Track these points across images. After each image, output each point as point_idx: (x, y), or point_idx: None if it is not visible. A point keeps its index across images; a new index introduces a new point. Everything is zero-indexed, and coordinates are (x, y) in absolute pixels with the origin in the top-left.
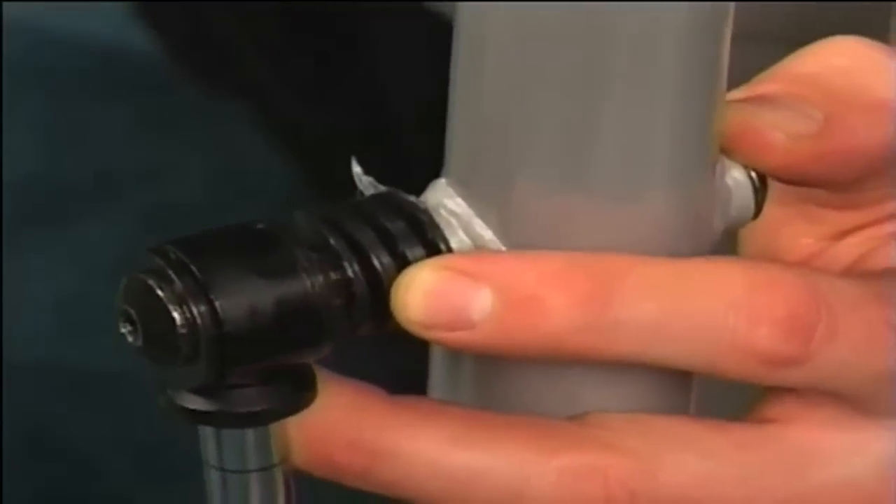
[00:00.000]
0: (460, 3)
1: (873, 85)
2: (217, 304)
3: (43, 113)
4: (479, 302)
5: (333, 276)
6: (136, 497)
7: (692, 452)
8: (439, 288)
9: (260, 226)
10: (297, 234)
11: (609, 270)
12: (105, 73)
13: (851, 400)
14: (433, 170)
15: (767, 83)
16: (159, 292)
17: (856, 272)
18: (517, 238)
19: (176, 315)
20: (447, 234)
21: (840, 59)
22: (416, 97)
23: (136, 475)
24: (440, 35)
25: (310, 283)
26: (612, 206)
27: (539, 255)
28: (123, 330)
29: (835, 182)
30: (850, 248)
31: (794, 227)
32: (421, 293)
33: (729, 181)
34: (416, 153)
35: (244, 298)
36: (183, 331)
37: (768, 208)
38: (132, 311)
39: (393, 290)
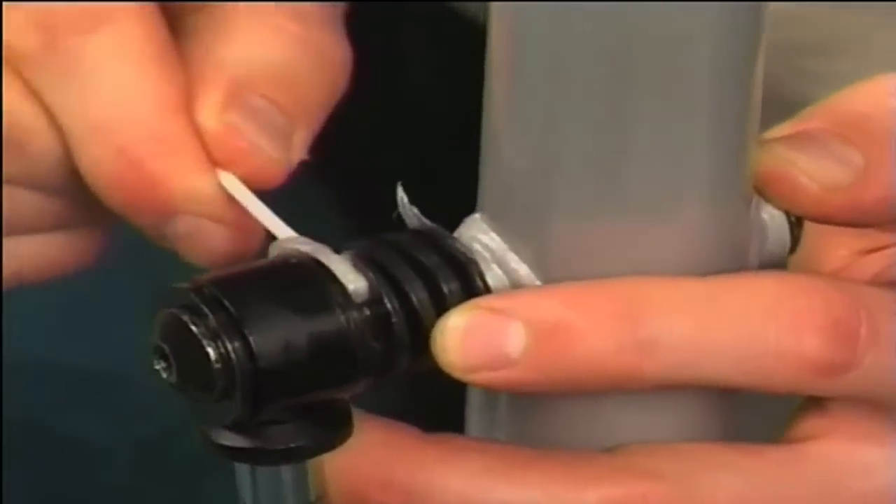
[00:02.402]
0: (490, 42)
1: None
2: (251, 339)
3: None
4: (514, 337)
5: (369, 311)
6: (135, 496)
7: (730, 475)
8: (472, 328)
9: (294, 260)
10: (331, 269)
11: (635, 290)
12: None
13: (886, 408)
14: (465, 183)
15: (813, 119)
16: (193, 328)
17: (878, 283)
18: (552, 272)
19: (210, 351)
20: (483, 269)
21: (893, 99)
22: (450, 113)
23: (136, 474)
24: (477, 48)
25: (344, 318)
26: (648, 236)
27: (565, 284)
28: (157, 366)
29: (869, 226)
30: (872, 262)
31: (837, 238)
32: (457, 336)
33: (765, 216)
34: (448, 167)
35: (278, 334)
36: (217, 366)
37: None
38: (166, 348)
39: (432, 337)
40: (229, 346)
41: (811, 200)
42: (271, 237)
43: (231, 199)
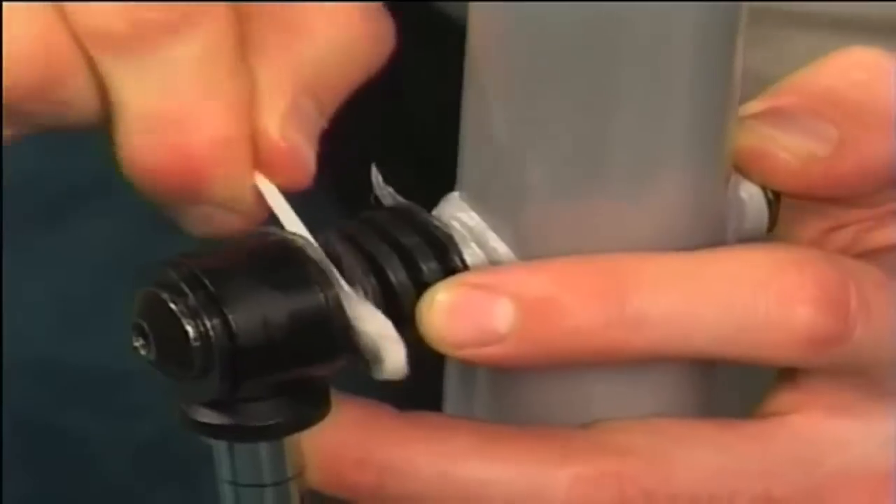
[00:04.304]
0: (471, 19)
1: (891, 101)
2: (230, 317)
3: None
4: (501, 313)
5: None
6: (135, 495)
7: (705, 449)
8: (460, 304)
9: (274, 238)
10: (310, 248)
11: (623, 265)
12: None
13: (871, 380)
14: (450, 169)
15: (784, 95)
16: (173, 306)
17: (851, 254)
18: (531, 250)
19: (189, 329)
20: (461, 247)
21: (858, 72)
22: (435, 100)
23: (136, 473)
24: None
25: (323, 296)
26: (626, 215)
27: (552, 260)
28: (136, 344)
29: (847, 198)
30: (836, 240)
31: (803, 220)
32: (444, 312)
33: (743, 194)
34: (434, 155)
35: (257, 311)
36: (196, 344)
37: None
38: (145, 325)
39: (418, 313)
40: (208, 324)
41: (791, 175)
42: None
43: (260, 200)
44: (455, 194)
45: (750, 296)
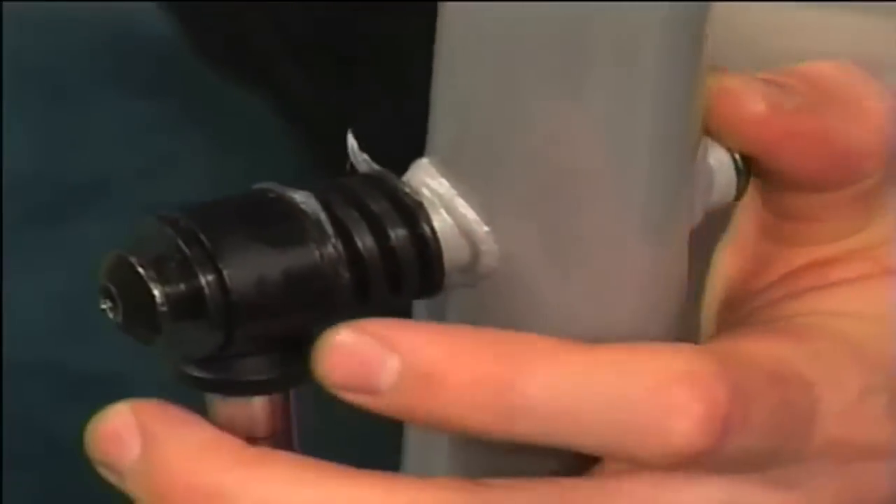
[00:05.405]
0: None
1: (861, 91)
2: (225, 272)
3: (42, 112)
4: (387, 370)
5: (343, 249)
6: None
7: None
8: (354, 350)
9: (271, 195)
10: (307, 204)
11: (520, 354)
12: (105, 72)
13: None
14: None
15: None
16: (141, 270)
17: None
18: (500, 217)
19: (156, 292)
20: (430, 214)
21: (831, 68)
22: None
23: None
24: None
25: (318, 253)
26: (594, 185)
27: (453, 330)
28: (103, 306)
29: (804, 172)
30: (801, 281)
31: (768, 263)
32: (336, 353)
33: (712, 162)
34: None
35: (252, 267)
36: (163, 309)
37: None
38: (112, 287)
39: (317, 346)
40: (202, 280)
41: (757, 119)
42: None
43: None
44: (425, 160)
45: (639, 405)
